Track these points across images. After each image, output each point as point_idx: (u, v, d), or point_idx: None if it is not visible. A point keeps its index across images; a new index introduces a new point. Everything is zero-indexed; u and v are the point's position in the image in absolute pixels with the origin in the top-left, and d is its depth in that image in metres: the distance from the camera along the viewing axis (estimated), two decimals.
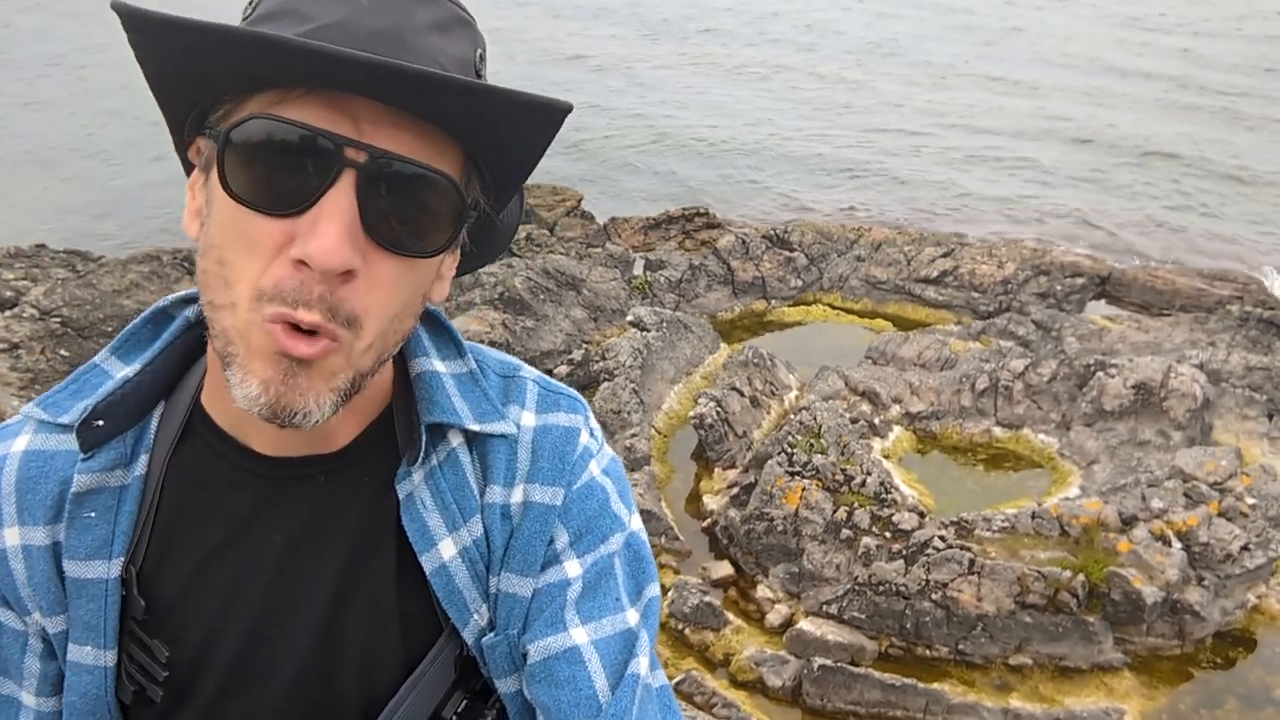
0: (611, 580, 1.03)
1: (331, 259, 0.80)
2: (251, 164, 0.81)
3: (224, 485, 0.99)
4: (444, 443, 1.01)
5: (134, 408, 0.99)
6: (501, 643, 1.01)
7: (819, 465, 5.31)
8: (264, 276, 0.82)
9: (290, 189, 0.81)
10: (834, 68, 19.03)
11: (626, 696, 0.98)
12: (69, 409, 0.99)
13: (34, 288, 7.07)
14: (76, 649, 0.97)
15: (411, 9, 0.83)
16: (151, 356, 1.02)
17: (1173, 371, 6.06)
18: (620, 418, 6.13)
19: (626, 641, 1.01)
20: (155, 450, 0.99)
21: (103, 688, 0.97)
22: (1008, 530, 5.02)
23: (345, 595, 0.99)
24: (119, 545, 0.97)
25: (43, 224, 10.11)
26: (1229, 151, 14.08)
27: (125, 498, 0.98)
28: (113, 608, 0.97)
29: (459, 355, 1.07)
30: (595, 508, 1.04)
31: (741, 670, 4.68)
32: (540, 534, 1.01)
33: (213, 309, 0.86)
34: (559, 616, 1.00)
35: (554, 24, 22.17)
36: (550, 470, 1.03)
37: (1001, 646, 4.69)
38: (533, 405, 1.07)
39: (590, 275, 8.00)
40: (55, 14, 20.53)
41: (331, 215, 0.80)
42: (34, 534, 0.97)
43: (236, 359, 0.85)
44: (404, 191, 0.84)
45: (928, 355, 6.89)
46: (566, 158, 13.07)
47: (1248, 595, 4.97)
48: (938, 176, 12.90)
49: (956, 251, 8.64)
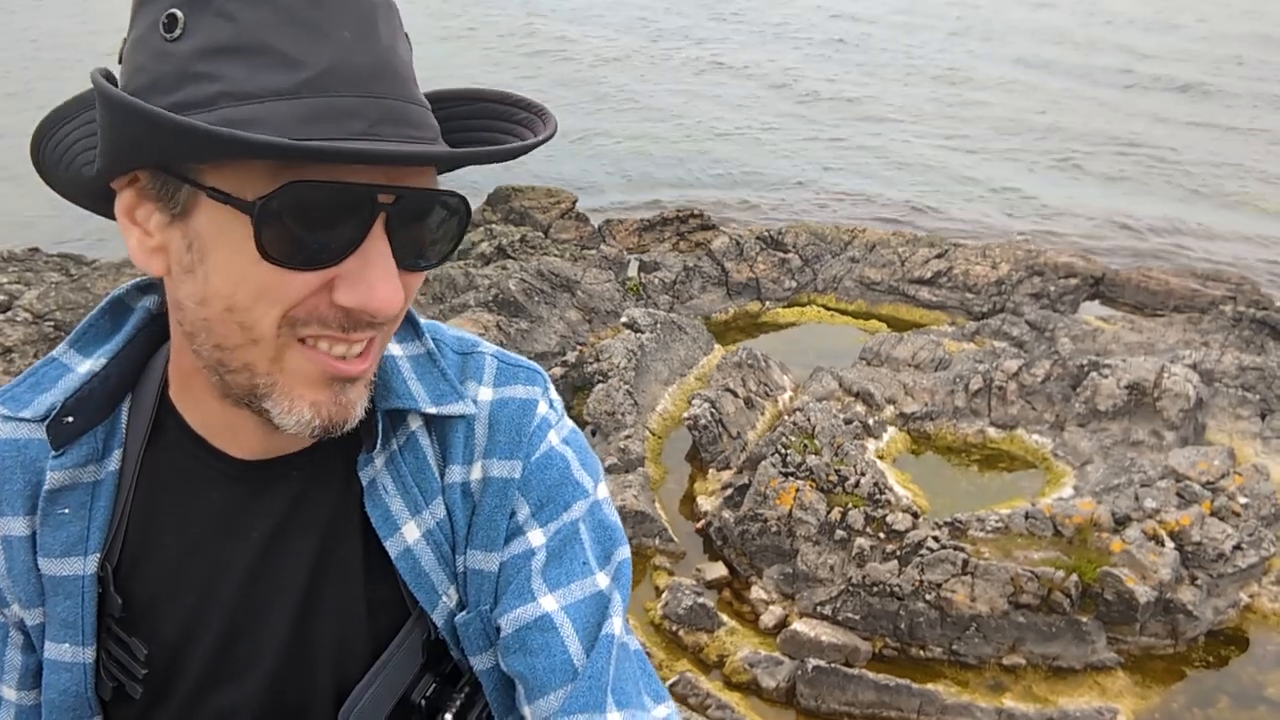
0: (577, 546, 1.03)
1: (394, 307, 0.84)
2: (290, 227, 0.79)
3: (198, 483, 0.99)
4: (403, 427, 1.02)
5: (103, 402, 0.99)
6: (474, 620, 1.01)
7: (813, 466, 5.32)
8: (296, 308, 0.83)
9: (329, 243, 0.81)
10: (832, 70, 19.05)
11: (602, 657, 0.97)
12: (29, 402, 0.98)
13: (27, 291, 7.06)
14: (54, 646, 0.97)
15: (379, 27, 0.82)
16: (115, 349, 1.01)
17: (1166, 372, 6.08)
18: (614, 419, 6.13)
19: (598, 604, 1.01)
20: (128, 446, 0.99)
21: (82, 684, 0.98)
22: (1001, 530, 5.03)
23: (317, 586, 0.99)
24: (94, 541, 0.97)
25: (36, 228, 10.09)
26: (1223, 151, 14.11)
27: (99, 493, 0.98)
28: (90, 605, 0.97)
29: (416, 336, 1.07)
30: (555, 477, 1.04)
31: (736, 671, 4.68)
32: (500, 508, 1.02)
33: (223, 350, 0.86)
34: (526, 586, 1.00)
35: (547, 26, 22.17)
36: (507, 444, 1.03)
37: (995, 647, 4.69)
38: (490, 380, 1.07)
39: (584, 277, 8.00)
40: (50, 14, 20.51)
41: (378, 262, 0.82)
42: (12, 524, 0.97)
43: (276, 387, 0.86)
44: (426, 220, 0.87)
45: (922, 356, 6.90)
46: (561, 160, 13.07)
47: (1240, 594, 4.98)
48: (932, 178, 12.92)
49: (950, 252, 8.65)
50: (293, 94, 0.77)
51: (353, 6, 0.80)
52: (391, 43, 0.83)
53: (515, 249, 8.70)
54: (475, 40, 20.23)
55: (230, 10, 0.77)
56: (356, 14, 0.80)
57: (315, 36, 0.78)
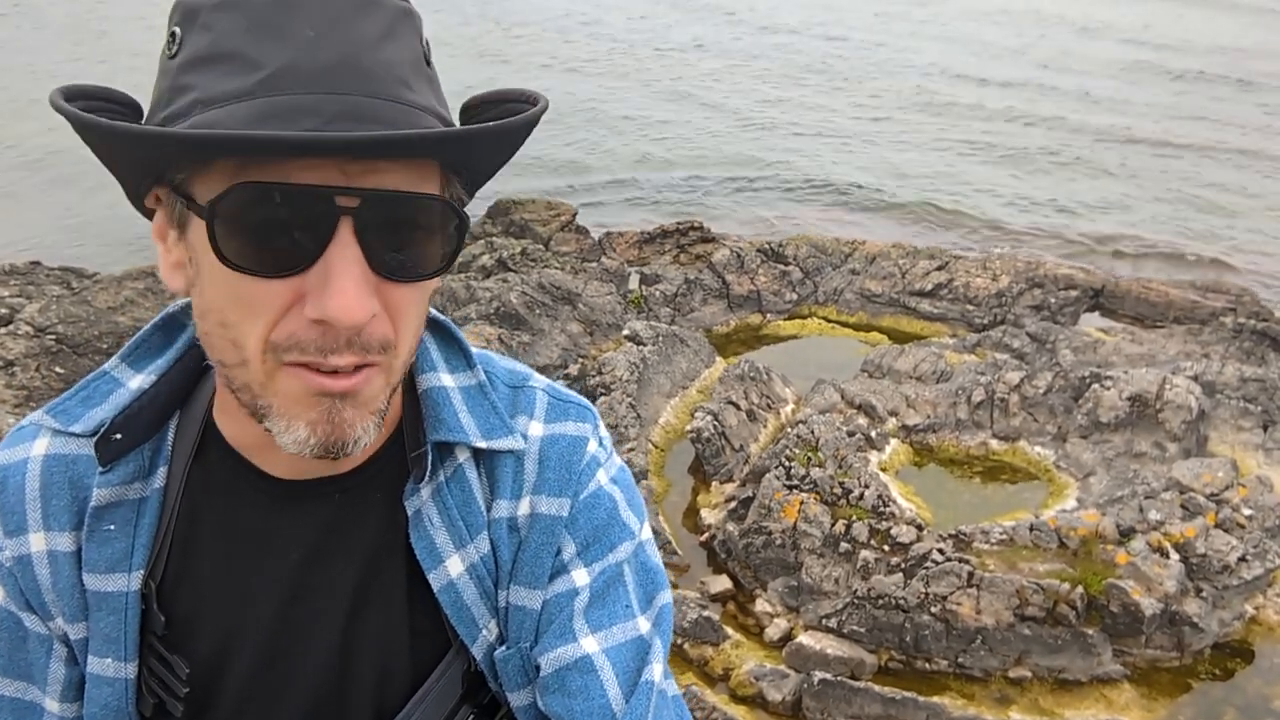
0: (621, 588, 1.03)
1: (354, 315, 0.79)
2: (244, 231, 0.79)
3: (238, 504, 0.99)
4: (451, 459, 1.01)
5: (151, 420, 0.98)
6: (514, 656, 1.01)
7: (816, 478, 5.31)
8: (275, 331, 0.81)
9: (290, 249, 0.79)
10: (831, 80, 19.11)
11: (641, 704, 0.97)
12: (80, 416, 0.98)
13: (29, 305, 7.05)
14: (97, 661, 0.97)
15: (357, 25, 0.81)
16: (165, 366, 1.01)
17: (1168, 383, 6.08)
18: (617, 432, 6.13)
19: (639, 649, 1.00)
20: (173, 463, 0.99)
21: (123, 699, 0.97)
22: (1006, 542, 5.02)
23: (359, 612, 0.99)
24: (139, 558, 0.97)
25: (37, 241, 10.10)
26: (1223, 161, 14.16)
27: (145, 510, 0.98)
28: (133, 621, 0.97)
29: (468, 367, 1.07)
30: (603, 517, 1.04)
31: (741, 685, 4.67)
32: (547, 545, 1.01)
33: (224, 367, 0.86)
34: (568, 626, 1.00)
35: (544, 39, 22.23)
36: (556, 481, 1.03)
37: (1001, 659, 4.68)
38: (541, 415, 1.07)
39: (585, 289, 8.01)
40: (49, 29, 20.54)
41: (341, 269, 0.79)
42: (59, 540, 0.97)
43: (272, 409, 0.85)
44: (403, 224, 0.83)
45: (923, 368, 6.90)
46: (560, 172, 13.09)
47: (1246, 606, 4.97)
48: (932, 188, 12.93)
49: (951, 264, 8.67)
50: (249, 95, 0.77)
51: (322, 6, 0.79)
52: (373, 40, 0.81)
53: (516, 262, 8.70)
54: (477, 46, 20.29)
55: (209, 21, 0.79)
56: (325, 13, 0.79)
57: (276, 37, 0.78)
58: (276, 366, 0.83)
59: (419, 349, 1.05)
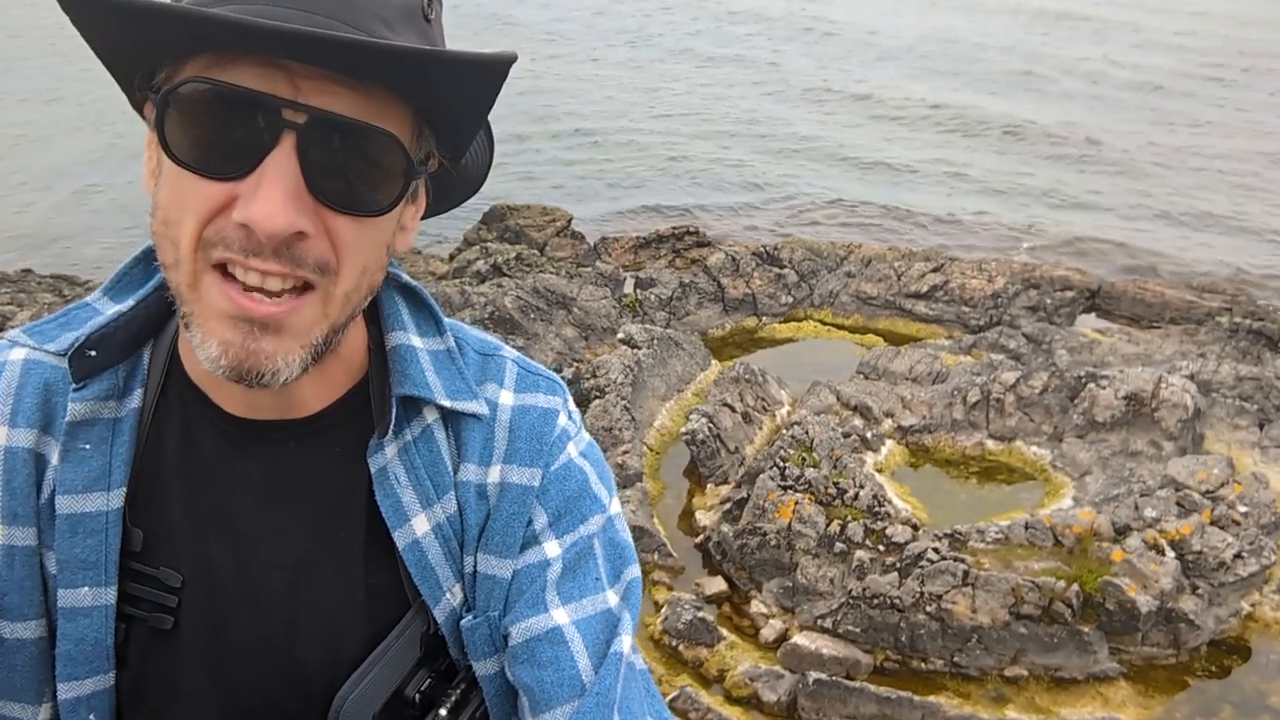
0: (591, 561, 1.03)
1: (274, 222, 0.79)
2: (191, 127, 0.81)
3: (195, 437, 0.98)
4: (419, 419, 1.01)
5: (126, 341, 0.98)
6: (481, 624, 1.00)
7: (811, 479, 5.30)
8: (207, 228, 0.82)
9: (231, 152, 0.80)
10: (829, 83, 19.14)
11: (610, 675, 0.97)
12: (56, 338, 0.98)
13: (20, 312, 7.06)
14: (69, 593, 0.94)
15: None
16: (145, 294, 1.01)
17: (1163, 382, 6.08)
18: (612, 435, 6.11)
19: (608, 622, 1.01)
20: (149, 387, 0.99)
21: (103, 630, 0.95)
22: (1001, 541, 5.01)
23: (312, 562, 0.98)
24: (118, 476, 0.96)
25: (28, 249, 10.10)
26: (1217, 162, 14.18)
27: (120, 429, 0.97)
28: (114, 540, 0.95)
29: (438, 333, 1.07)
30: (574, 489, 1.04)
31: (736, 686, 4.65)
32: (518, 515, 1.01)
33: (165, 269, 0.87)
34: (540, 598, 1.00)
35: (540, 47, 22.28)
36: (528, 451, 1.03)
37: (997, 658, 4.66)
38: (511, 384, 1.07)
39: (581, 294, 8.00)
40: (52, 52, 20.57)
41: (274, 178, 0.80)
42: (21, 436, 0.95)
43: (194, 318, 0.85)
44: (346, 150, 0.83)
45: (919, 369, 6.89)
46: (556, 177, 13.11)
47: (1241, 603, 4.96)
48: (928, 192, 12.95)
49: (946, 266, 8.67)
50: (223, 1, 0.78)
51: None
52: None
53: (511, 267, 8.70)
54: None
55: None
56: None
57: None
58: (205, 268, 0.83)
59: (389, 308, 1.05)
